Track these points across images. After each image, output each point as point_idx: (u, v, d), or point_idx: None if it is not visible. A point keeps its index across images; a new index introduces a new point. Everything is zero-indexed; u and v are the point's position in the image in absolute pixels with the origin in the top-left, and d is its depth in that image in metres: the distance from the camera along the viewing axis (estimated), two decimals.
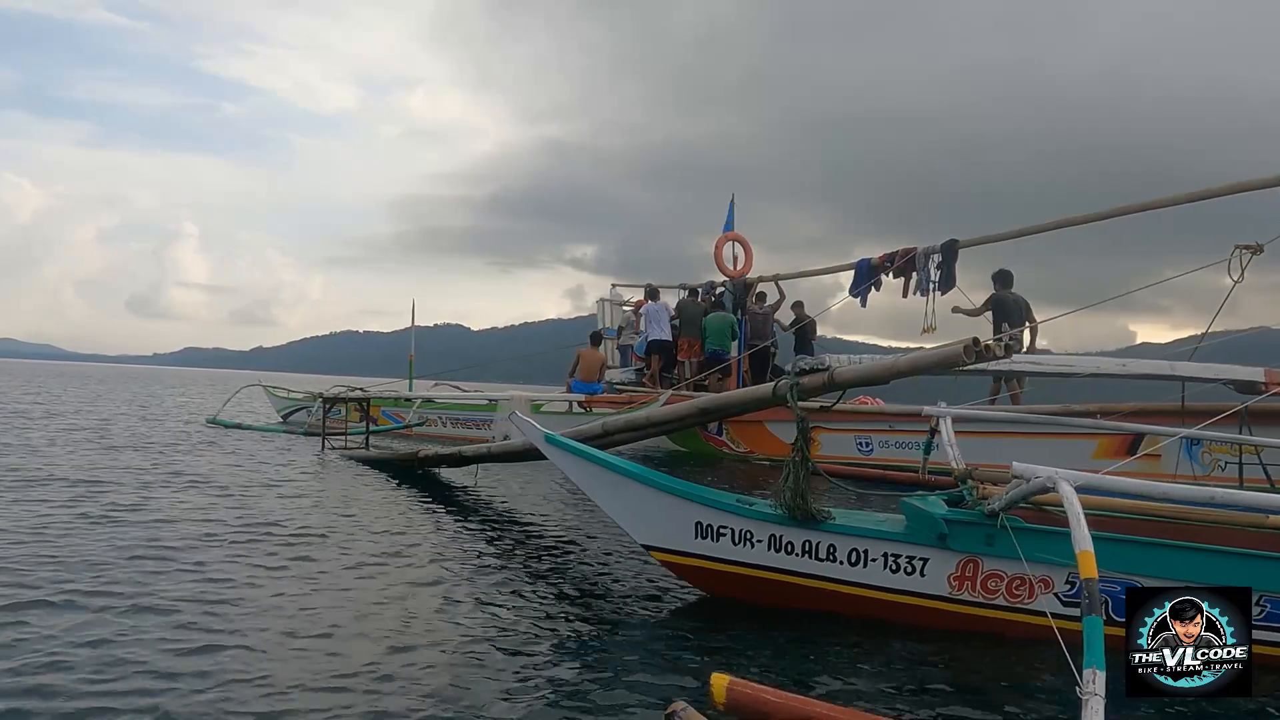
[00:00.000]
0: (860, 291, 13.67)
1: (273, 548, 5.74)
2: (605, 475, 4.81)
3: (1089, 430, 9.36)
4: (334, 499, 8.04)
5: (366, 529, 6.61)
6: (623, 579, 5.26)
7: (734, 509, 4.58)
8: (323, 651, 3.74)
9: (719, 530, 4.61)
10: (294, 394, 20.19)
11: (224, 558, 5.38)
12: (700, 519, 4.65)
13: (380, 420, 16.25)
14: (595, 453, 4.84)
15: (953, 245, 12.45)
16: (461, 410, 16.33)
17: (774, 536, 4.49)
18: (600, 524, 7.28)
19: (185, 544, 5.67)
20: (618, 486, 4.79)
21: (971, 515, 4.13)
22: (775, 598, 4.53)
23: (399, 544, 6.12)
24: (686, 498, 4.66)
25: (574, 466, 4.92)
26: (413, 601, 4.60)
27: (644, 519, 4.78)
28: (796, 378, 4.56)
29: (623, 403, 15.38)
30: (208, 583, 4.75)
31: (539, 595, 4.82)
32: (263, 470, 9.93)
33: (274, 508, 7.32)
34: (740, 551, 4.57)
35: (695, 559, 4.69)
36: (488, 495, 8.84)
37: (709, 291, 16.74)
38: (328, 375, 52.40)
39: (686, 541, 4.68)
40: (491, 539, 6.57)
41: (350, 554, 5.71)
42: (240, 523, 6.56)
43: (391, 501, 8.11)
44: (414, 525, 6.89)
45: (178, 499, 7.54)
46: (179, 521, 6.50)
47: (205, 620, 4.09)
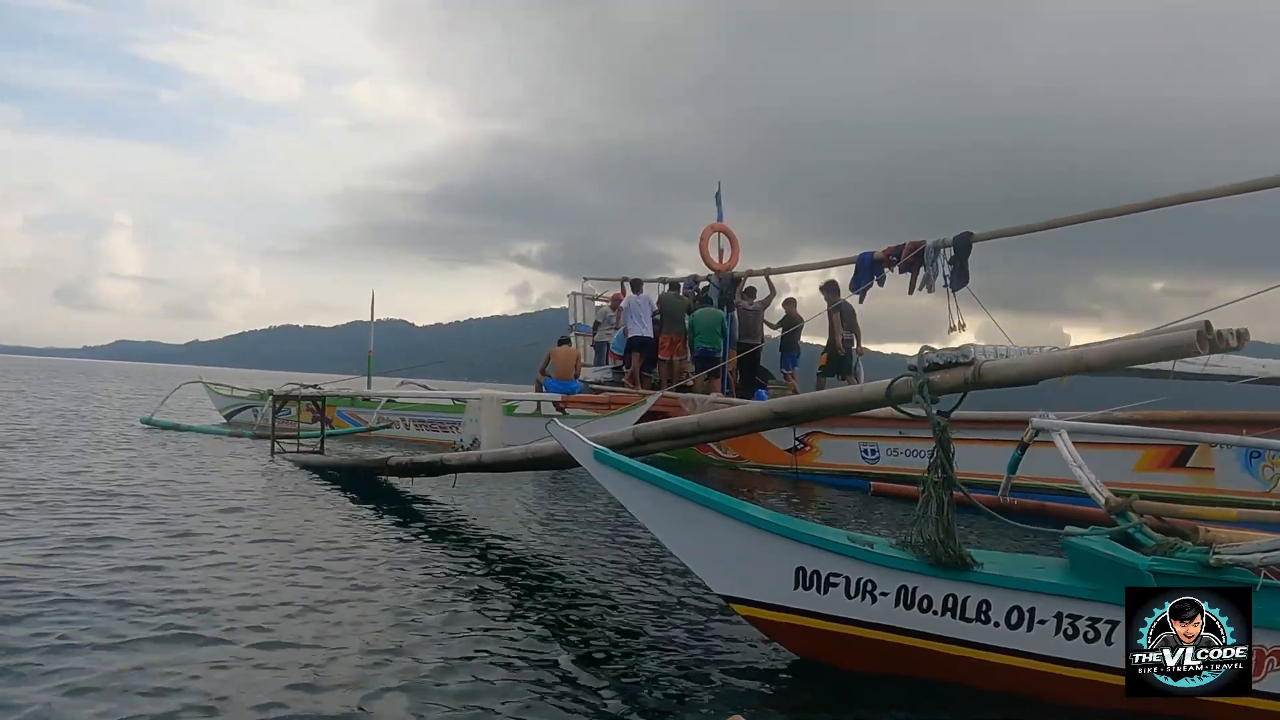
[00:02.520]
0: (862, 288, 12.74)
1: (211, 582, 4.69)
2: (676, 505, 3.72)
3: (1134, 440, 8.51)
4: (285, 516, 6.84)
5: (324, 554, 5.52)
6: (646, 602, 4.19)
7: (851, 551, 3.53)
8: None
9: (829, 579, 3.55)
10: (238, 391, 18.67)
11: (145, 598, 4.29)
12: (804, 564, 3.59)
13: (336, 423, 14.88)
14: (664, 477, 3.74)
15: (966, 239, 11.56)
16: (427, 411, 15.03)
17: (905, 589, 3.46)
18: (605, 541, 6.18)
19: (90, 584, 4.46)
20: (693, 520, 3.70)
21: (1186, 566, 3.13)
22: (902, 665, 3.50)
23: (364, 571, 5.09)
24: (787, 536, 3.60)
25: (633, 492, 3.81)
26: (385, 650, 3.71)
27: (727, 562, 3.70)
28: (925, 374, 3.50)
29: (602, 404, 14.27)
30: (122, 636, 3.71)
31: (540, 625, 4.22)
32: (202, 480, 8.61)
33: (211, 530, 6.12)
34: (858, 607, 3.53)
35: (795, 615, 3.63)
36: (466, 509, 7.67)
37: (692, 286, 15.70)
38: (269, 371, 50.38)
39: (784, 592, 3.62)
40: (476, 563, 5.59)
41: (305, 586, 4.70)
42: (167, 549, 5.40)
43: (354, 518, 6.94)
44: (382, 547, 5.80)
45: (93, 517, 6.25)
46: (81, 549, 5.29)
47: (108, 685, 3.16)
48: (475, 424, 12.76)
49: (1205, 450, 8.21)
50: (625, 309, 15.29)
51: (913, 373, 3.50)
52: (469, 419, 13.02)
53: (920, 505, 3.43)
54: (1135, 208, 10.25)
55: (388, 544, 6.05)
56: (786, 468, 12.14)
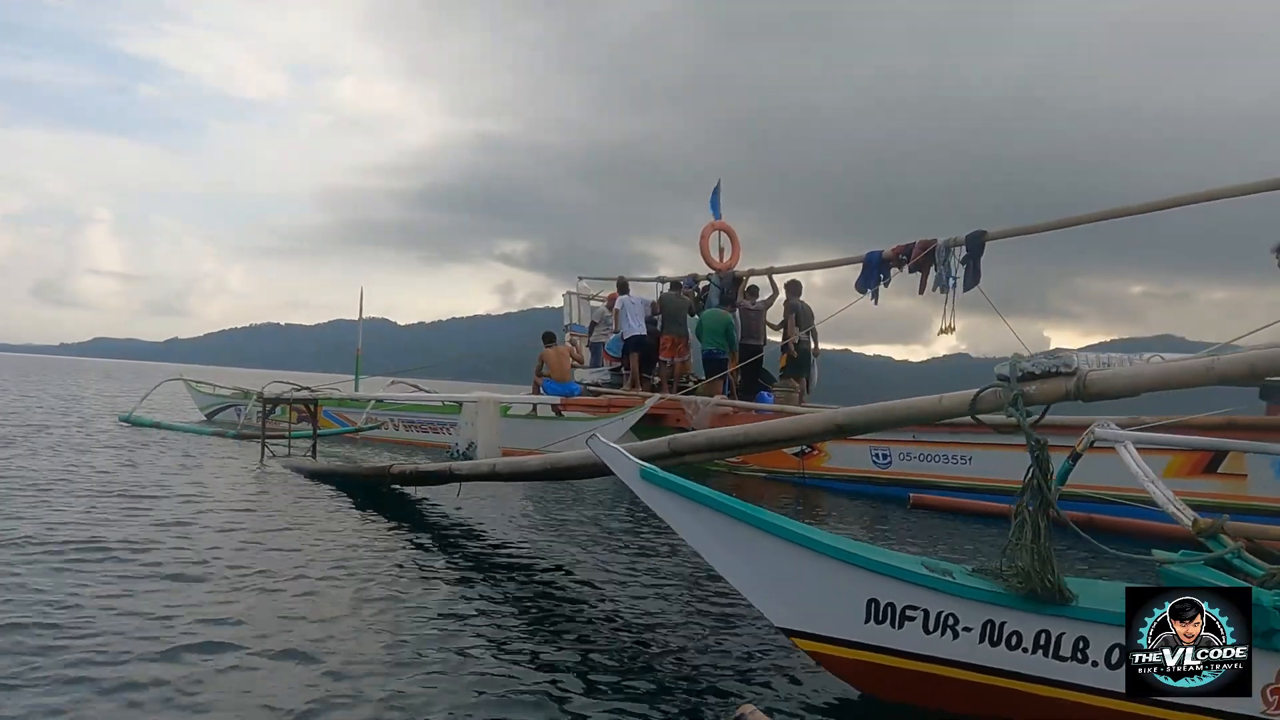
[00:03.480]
0: (870, 287, 12.40)
1: (200, 597, 4.37)
2: (733, 530, 3.34)
3: (1160, 446, 8.20)
4: (284, 526, 6.42)
5: (326, 564, 5.17)
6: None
7: (930, 582, 3.17)
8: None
9: (904, 612, 3.19)
10: (220, 390, 18.16)
11: (134, 612, 4.01)
12: (877, 595, 3.22)
13: (323, 423, 14.41)
14: (721, 499, 3.36)
15: (979, 237, 11.26)
16: (419, 413, 14.57)
17: (991, 623, 3.09)
18: (609, 545, 5.81)
19: (78, 593, 4.06)
20: (752, 546, 3.32)
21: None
22: (986, 707, 3.14)
23: (376, 593, 4.70)
24: (858, 564, 3.23)
25: (684, 515, 3.43)
26: (408, 678, 3.45)
27: (789, 593, 3.33)
28: (1019, 384, 3.14)
29: (601, 406, 13.88)
30: (107, 649, 3.47)
31: (546, 630, 4.17)
32: (188, 484, 8.17)
33: (202, 538, 5.73)
34: (937, 643, 3.16)
35: (865, 651, 3.26)
36: (469, 514, 7.27)
37: (692, 285, 15.32)
38: (251, 369, 49.76)
39: (852, 626, 3.25)
40: (481, 569, 5.32)
41: (312, 607, 4.34)
42: (154, 558, 5.04)
43: (354, 526, 6.55)
44: (395, 565, 5.36)
45: (72, 521, 5.85)
46: (62, 552, 4.97)
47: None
48: (471, 427, 12.31)
49: (1237, 456, 7.91)
50: (619, 310, 14.92)
51: (1004, 383, 3.14)
52: (465, 422, 12.57)
53: (1014, 531, 3.07)
54: (1151, 206, 10.01)
55: (393, 552, 5.70)
56: (793, 473, 11.80)
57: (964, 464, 10.29)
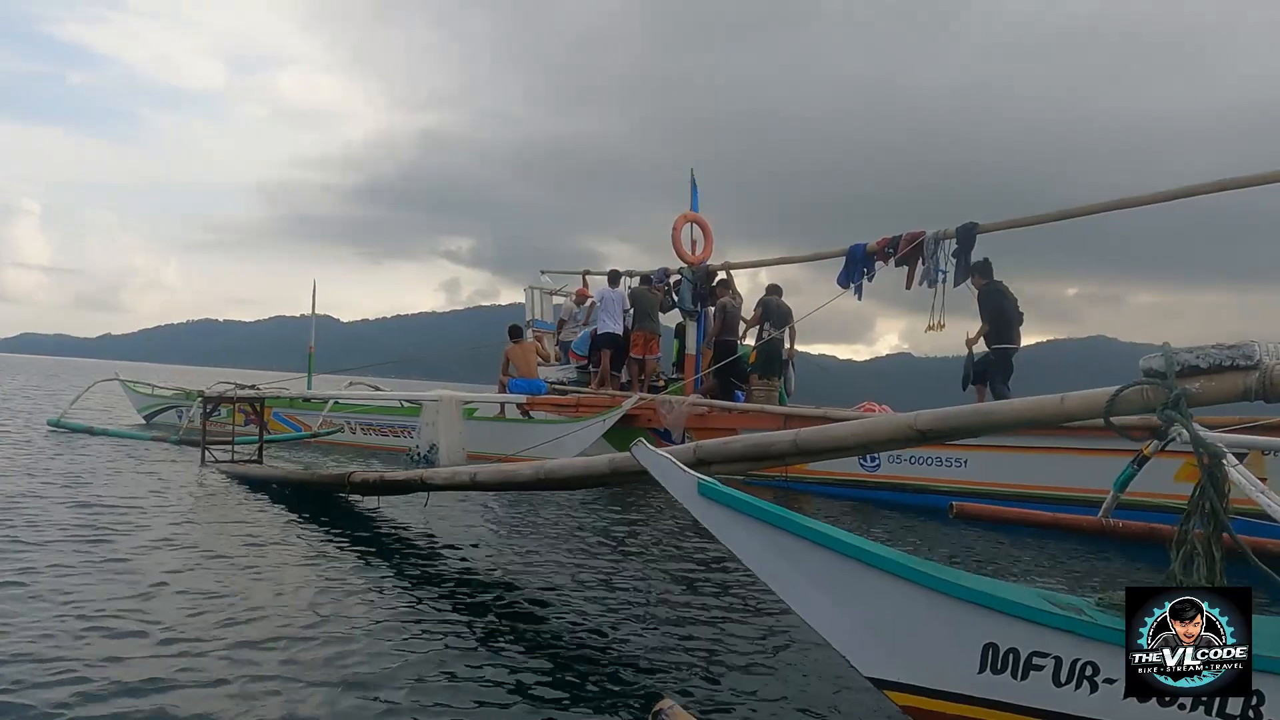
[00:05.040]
0: (854, 282, 11.91)
1: (135, 627, 3.76)
2: (815, 558, 2.73)
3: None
4: (220, 537, 5.73)
5: (276, 592, 4.51)
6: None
7: (1061, 622, 2.58)
8: None
9: (1030, 660, 2.60)
10: (160, 389, 17.06)
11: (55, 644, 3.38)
12: (995, 639, 2.63)
13: (274, 426, 13.49)
14: (801, 521, 2.74)
15: (971, 230, 10.83)
16: (378, 414, 13.70)
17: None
18: (581, 552, 5.17)
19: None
20: (837, 578, 2.71)
21: None
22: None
23: (331, 619, 4.10)
24: (972, 600, 2.64)
25: (753, 539, 2.80)
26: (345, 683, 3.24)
27: (883, 635, 2.73)
28: (1180, 380, 2.57)
29: (569, 405, 13.20)
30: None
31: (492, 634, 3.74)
32: (122, 496, 7.29)
33: (132, 555, 5.01)
34: (1071, 698, 2.58)
35: (980, 707, 2.66)
36: (437, 528, 6.57)
37: (662, 279, 14.72)
38: (189, 366, 47.98)
39: (964, 677, 2.66)
40: (439, 590, 4.79)
41: (258, 632, 3.80)
42: (80, 584, 4.29)
43: (303, 538, 5.89)
44: (351, 588, 4.72)
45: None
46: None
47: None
48: (433, 428, 11.55)
49: (1257, 457, 7.54)
50: (599, 303, 14.24)
51: (1156, 379, 2.57)
52: (426, 423, 11.80)
53: (1178, 564, 2.51)
54: (1158, 198, 9.66)
55: (342, 566, 5.14)
56: (774, 476, 11.25)
57: (959, 467, 9.85)
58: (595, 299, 14.22)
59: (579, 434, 11.67)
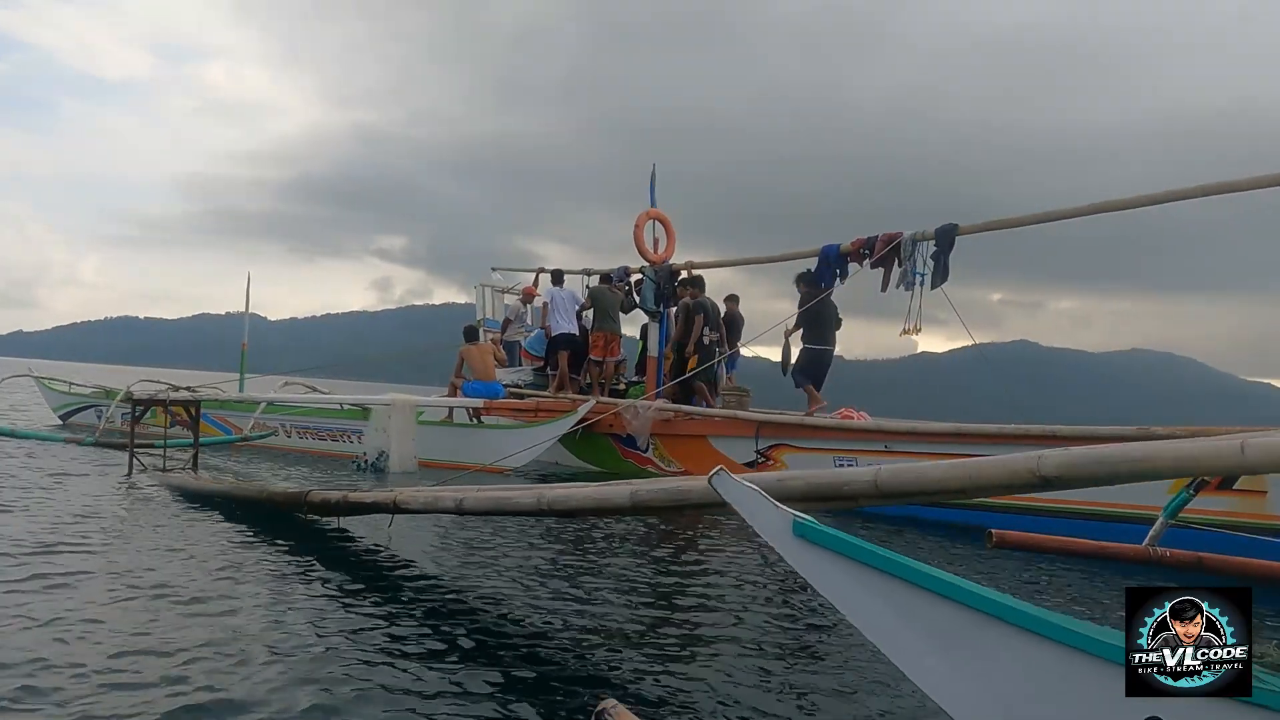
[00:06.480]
0: (826, 284, 11.48)
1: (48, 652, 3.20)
2: (943, 615, 2.17)
3: None
4: (154, 557, 4.99)
5: (211, 612, 3.95)
6: None
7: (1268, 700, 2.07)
8: None
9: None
10: (78, 387, 15.88)
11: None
12: (1161, 713, 2.11)
13: (205, 429, 12.51)
14: (928, 572, 2.18)
15: (951, 231, 10.46)
16: (318, 417, 12.81)
17: None
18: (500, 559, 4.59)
19: None
20: (971, 639, 2.16)
21: None
22: None
23: (266, 632, 3.62)
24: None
25: (863, 589, 2.23)
26: None
27: (1021, 709, 2.18)
28: None
29: (528, 410, 12.53)
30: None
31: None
32: (40, 511, 6.41)
33: (50, 579, 4.25)
34: None
35: None
36: (398, 546, 5.87)
37: (623, 278, 14.15)
38: (108, 365, 45.82)
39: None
40: (406, 608, 4.24)
41: (202, 669, 3.26)
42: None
43: (250, 559, 5.16)
44: (285, 595, 4.26)
45: None
46: None
47: None
48: (383, 434, 10.77)
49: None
50: (549, 303, 13.59)
51: None
52: (375, 428, 11.00)
53: None
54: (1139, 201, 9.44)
55: (291, 590, 4.52)
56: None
57: None
58: (546, 298, 13.60)
59: (534, 439, 11.03)
